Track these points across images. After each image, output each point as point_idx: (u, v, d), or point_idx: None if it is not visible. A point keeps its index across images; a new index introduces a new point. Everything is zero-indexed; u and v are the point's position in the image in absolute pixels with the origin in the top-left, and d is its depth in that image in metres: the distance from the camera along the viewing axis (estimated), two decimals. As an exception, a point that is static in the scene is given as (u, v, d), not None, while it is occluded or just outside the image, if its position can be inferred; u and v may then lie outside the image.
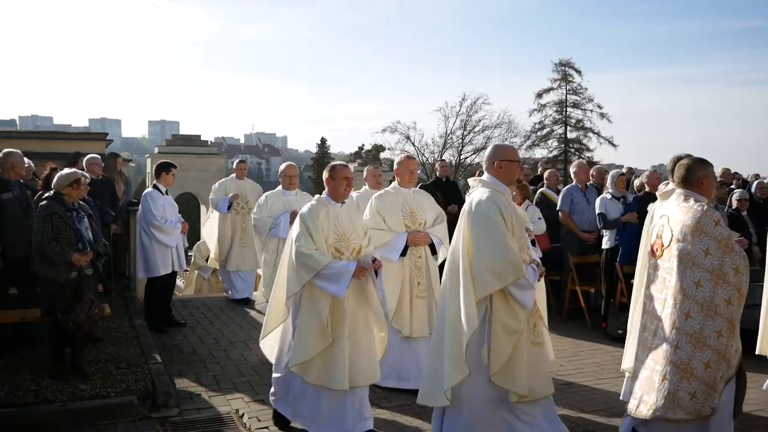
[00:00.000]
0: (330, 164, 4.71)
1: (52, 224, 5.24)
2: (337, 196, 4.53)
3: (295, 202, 6.52)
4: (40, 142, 13.34)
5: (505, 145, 4.35)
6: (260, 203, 6.65)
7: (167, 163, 7.63)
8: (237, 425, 4.81)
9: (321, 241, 4.35)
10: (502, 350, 3.75)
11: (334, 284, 4.22)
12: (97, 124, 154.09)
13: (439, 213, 5.71)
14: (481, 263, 3.76)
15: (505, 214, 3.85)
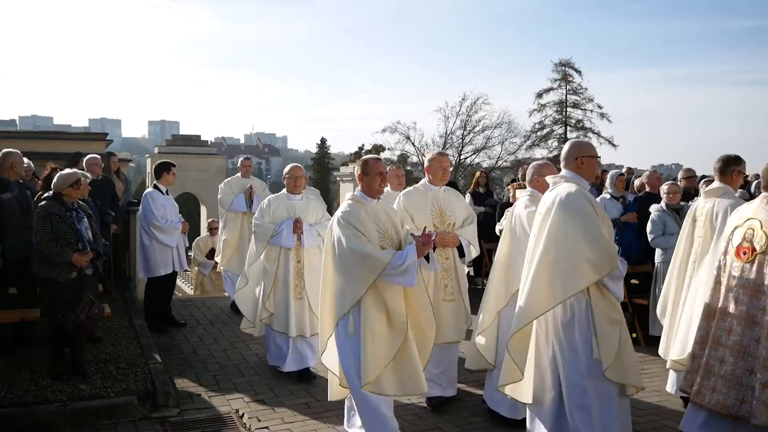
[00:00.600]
0: (362, 159, 4.38)
1: (52, 224, 5.24)
2: (372, 193, 4.24)
3: (301, 208, 5.94)
4: (40, 142, 13.36)
5: (585, 141, 4.29)
6: (263, 207, 5.97)
7: (167, 163, 7.64)
8: (237, 425, 4.81)
9: (370, 239, 4.07)
10: (611, 342, 3.68)
11: (401, 275, 3.92)
12: (97, 124, 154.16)
13: (469, 213, 5.46)
14: (577, 255, 3.70)
15: (595, 206, 3.84)
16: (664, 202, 7.00)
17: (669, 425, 4.78)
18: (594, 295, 3.74)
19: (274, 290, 5.80)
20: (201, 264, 11.40)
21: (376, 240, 4.09)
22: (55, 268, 5.25)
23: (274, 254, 5.85)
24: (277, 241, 5.80)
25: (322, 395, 5.31)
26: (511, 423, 4.65)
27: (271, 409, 5.08)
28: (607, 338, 3.69)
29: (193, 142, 23.72)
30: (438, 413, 4.98)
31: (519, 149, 41.20)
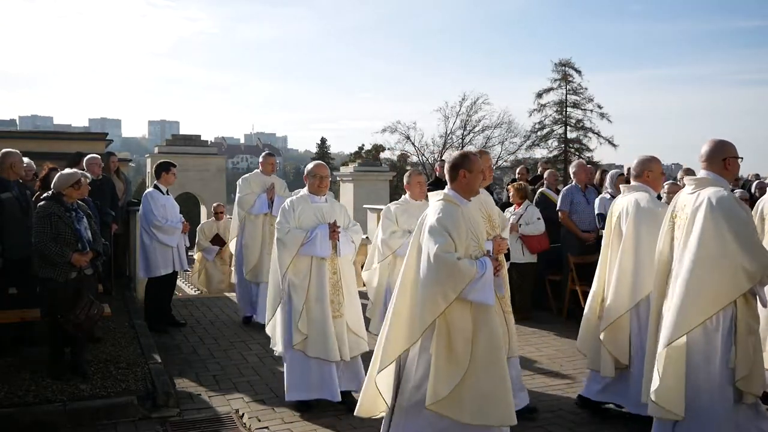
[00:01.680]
0: (459, 154, 3.89)
1: (51, 224, 5.24)
2: (471, 193, 3.81)
3: (328, 211, 5.14)
4: (40, 142, 13.35)
5: (728, 141, 3.97)
6: (285, 210, 5.11)
7: (167, 163, 7.63)
8: (237, 425, 4.81)
9: (462, 249, 3.58)
10: (748, 352, 3.60)
11: (482, 291, 3.51)
12: (97, 124, 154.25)
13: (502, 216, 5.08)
14: (735, 264, 3.57)
15: (747, 211, 3.77)
16: (664, 202, 7.00)
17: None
18: (740, 303, 3.63)
19: (307, 309, 4.92)
20: (206, 249, 11.09)
21: (470, 250, 3.62)
22: (55, 268, 5.25)
23: (303, 266, 4.95)
24: (309, 250, 4.92)
25: (322, 395, 5.32)
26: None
27: (271, 409, 5.08)
28: (744, 348, 3.61)
29: (193, 142, 23.70)
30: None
31: (519, 149, 41.28)
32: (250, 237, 7.64)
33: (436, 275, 3.48)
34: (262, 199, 7.56)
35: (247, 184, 7.71)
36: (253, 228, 7.65)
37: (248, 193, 7.63)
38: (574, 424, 4.79)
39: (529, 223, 8.04)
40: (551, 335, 7.40)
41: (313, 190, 5.20)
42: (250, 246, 7.63)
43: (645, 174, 4.74)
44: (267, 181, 7.70)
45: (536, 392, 5.45)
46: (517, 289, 8.12)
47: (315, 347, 4.88)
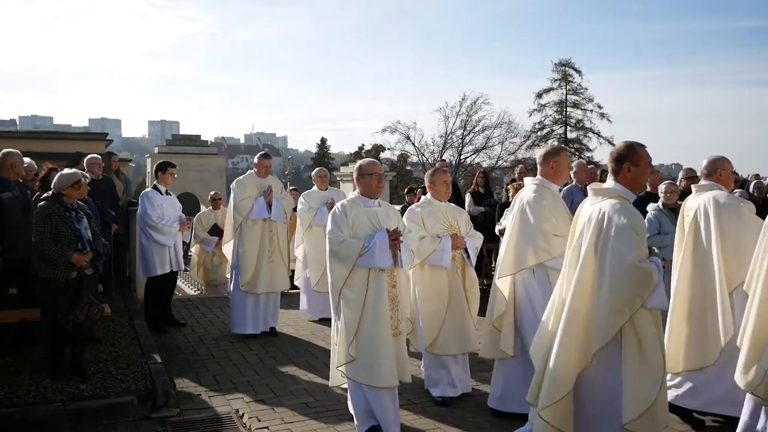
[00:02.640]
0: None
1: (51, 224, 5.24)
2: (638, 187, 3.76)
3: (383, 217, 4.53)
4: (40, 142, 13.40)
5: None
6: (336, 217, 4.42)
7: (165, 163, 7.64)
8: (237, 425, 4.81)
9: None
10: None
11: (661, 296, 3.38)
12: (97, 124, 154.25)
13: None
14: None
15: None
16: (661, 202, 7.02)
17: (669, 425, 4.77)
18: None
19: (361, 327, 4.28)
20: (204, 240, 10.47)
21: None
22: (56, 268, 5.25)
23: (359, 278, 4.32)
24: (367, 261, 4.30)
25: (322, 395, 5.32)
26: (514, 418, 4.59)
27: (271, 409, 5.08)
28: None
29: (193, 142, 23.72)
30: (439, 413, 4.98)
31: (519, 149, 41.28)
32: (248, 244, 7.16)
33: (630, 284, 3.29)
34: (260, 203, 7.17)
35: (242, 187, 7.25)
36: (250, 234, 7.18)
37: (245, 197, 7.18)
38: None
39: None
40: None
41: (369, 192, 4.54)
42: (250, 254, 7.15)
43: (717, 173, 4.83)
44: (263, 184, 7.28)
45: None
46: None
47: (366, 372, 4.24)
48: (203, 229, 10.49)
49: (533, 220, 4.54)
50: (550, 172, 4.70)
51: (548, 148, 4.80)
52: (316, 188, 8.17)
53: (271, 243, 7.26)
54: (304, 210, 7.90)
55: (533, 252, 4.51)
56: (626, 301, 3.29)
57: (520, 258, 4.58)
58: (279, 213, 7.31)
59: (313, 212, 7.85)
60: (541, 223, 4.51)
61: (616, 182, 3.59)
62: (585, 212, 3.64)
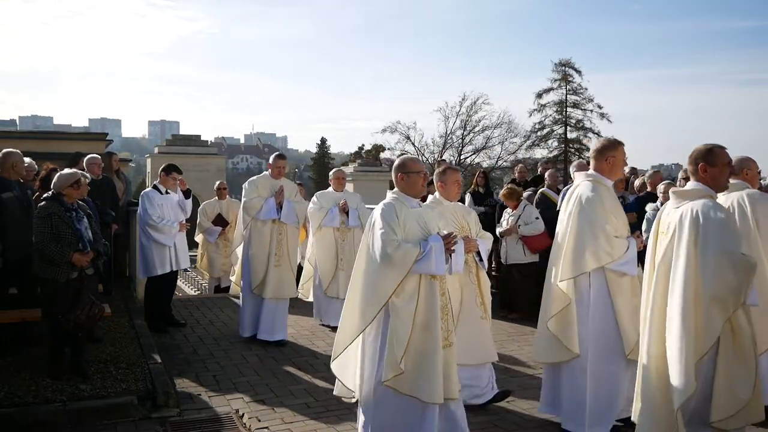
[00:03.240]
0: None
1: (52, 224, 5.24)
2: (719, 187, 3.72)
3: (429, 219, 4.17)
4: (40, 142, 13.37)
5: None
6: (388, 217, 3.96)
7: (171, 166, 7.63)
8: (237, 425, 4.81)
9: None
10: None
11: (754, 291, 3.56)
12: (97, 124, 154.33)
13: None
14: None
15: None
16: (659, 201, 7.02)
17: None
18: None
19: (412, 338, 3.87)
20: (207, 230, 10.17)
21: None
22: (56, 268, 5.25)
23: (410, 286, 3.90)
24: (423, 267, 3.88)
25: (322, 395, 5.32)
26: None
27: (271, 409, 5.07)
28: None
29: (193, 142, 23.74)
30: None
31: (519, 149, 41.27)
32: (257, 246, 6.93)
33: (736, 275, 3.30)
34: (269, 204, 6.87)
35: (253, 187, 7.00)
36: (259, 236, 6.93)
37: (255, 197, 6.92)
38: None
39: (527, 223, 8.04)
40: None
41: (415, 191, 4.17)
42: (258, 256, 6.90)
43: (744, 172, 4.96)
44: (276, 185, 7.01)
45: (536, 391, 5.45)
46: (519, 289, 8.12)
47: (412, 383, 3.86)
48: (207, 219, 10.16)
49: (594, 221, 4.29)
50: (605, 167, 4.42)
51: (605, 142, 4.55)
52: (331, 189, 7.96)
53: (279, 246, 6.93)
54: (315, 209, 7.70)
55: (594, 255, 4.27)
56: (732, 293, 3.29)
57: (579, 261, 4.33)
58: (290, 216, 6.96)
59: (324, 212, 7.67)
60: (604, 223, 4.28)
61: (697, 182, 3.64)
62: (671, 217, 3.65)
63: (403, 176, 4.15)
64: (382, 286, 3.87)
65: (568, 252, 4.39)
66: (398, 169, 4.19)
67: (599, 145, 4.51)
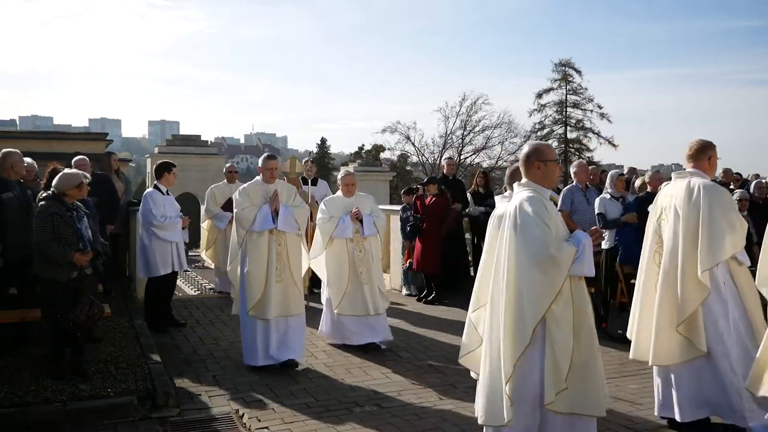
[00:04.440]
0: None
1: (53, 224, 5.24)
2: None
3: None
4: (40, 142, 13.38)
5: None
6: (544, 215, 3.60)
7: (167, 163, 7.64)
8: (237, 425, 4.81)
9: None
10: None
11: None
12: (97, 124, 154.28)
13: None
14: None
15: None
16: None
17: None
18: None
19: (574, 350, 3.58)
20: (216, 216, 9.22)
21: None
22: (57, 268, 5.25)
23: (566, 291, 3.59)
24: (578, 269, 3.60)
25: (322, 395, 5.32)
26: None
27: (271, 409, 5.07)
28: None
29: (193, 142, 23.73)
30: (439, 413, 4.98)
31: (519, 149, 41.20)
32: (252, 261, 6.03)
33: None
34: (263, 213, 6.05)
35: (244, 196, 6.16)
36: (256, 250, 6.05)
37: (247, 206, 6.08)
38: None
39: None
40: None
41: (552, 182, 3.87)
42: (253, 273, 6.00)
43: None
44: (269, 190, 6.20)
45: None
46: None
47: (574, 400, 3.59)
48: (216, 204, 9.29)
49: (722, 212, 4.39)
50: (706, 165, 4.63)
51: (703, 142, 4.67)
52: (340, 194, 7.02)
53: (279, 259, 6.08)
54: (324, 220, 6.79)
55: (732, 242, 4.35)
56: None
57: (718, 250, 4.34)
58: (288, 223, 6.13)
59: (335, 222, 6.77)
60: (729, 213, 4.41)
61: None
62: None
63: (538, 164, 3.73)
64: (543, 292, 3.49)
65: (704, 242, 4.36)
66: (534, 157, 3.74)
67: (698, 145, 4.65)
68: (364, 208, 6.99)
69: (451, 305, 8.98)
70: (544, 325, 3.51)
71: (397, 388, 5.56)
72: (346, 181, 7.08)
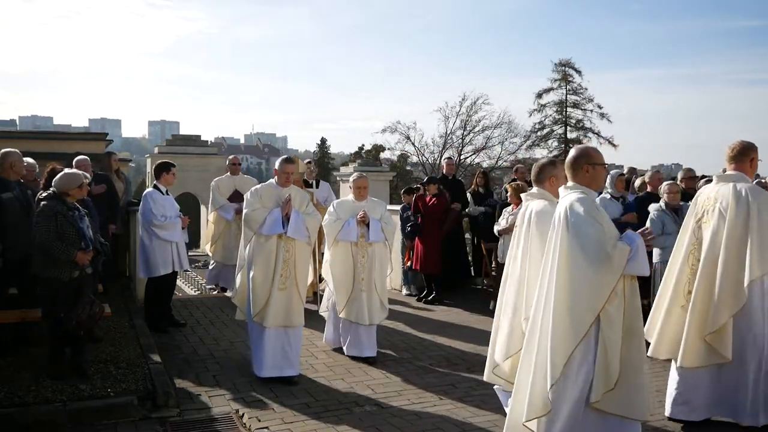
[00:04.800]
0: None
1: (57, 223, 5.25)
2: None
3: None
4: (40, 142, 13.36)
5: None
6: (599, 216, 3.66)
7: (166, 163, 7.64)
8: (237, 425, 4.81)
9: None
10: None
11: None
12: (97, 124, 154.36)
13: None
14: None
15: None
16: (663, 202, 7.01)
17: (670, 425, 4.78)
18: None
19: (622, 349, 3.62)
20: (223, 207, 8.84)
21: None
22: (58, 267, 5.26)
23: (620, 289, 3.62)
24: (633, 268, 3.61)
25: (322, 395, 5.32)
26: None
27: (271, 409, 5.08)
28: None
29: (193, 142, 23.70)
30: (439, 413, 4.98)
31: (519, 149, 41.24)
32: (259, 266, 5.74)
33: None
34: (273, 216, 5.74)
35: (256, 197, 5.85)
36: (262, 254, 5.74)
37: (258, 208, 5.79)
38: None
39: (528, 223, 8.01)
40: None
41: (599, 185, 4.12)
42: (257, 277, 5.72)
43: None
44: (283, 194, 5.89)
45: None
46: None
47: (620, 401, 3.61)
48: (222, 195, 9.02)
49: None
50: (748, 168, 4.58)
51: (745, 143, 4.60)
52: (351, 197, 6.88)
53: (286, 266, 5.76)
54: (331, 221, 6.67)
55: None
56: None
57: None
58: (299, 230, 5.83)
59: (341, 224, 6.59)
60: None
61: None
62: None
63: (589, 168, 3.76)
64: (598, 292, 3.51)
65: (755, 250, 4.31)
66: (583, 160, 3.77)
67: (740, 147, 4.57)
68: (374, 213, 6.72)
69: (451, 305, 8.98)
70: (598, 325, 3.52)
71: (397, 388, 5.56)
72: (359, 183, 6.82)
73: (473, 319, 8.18)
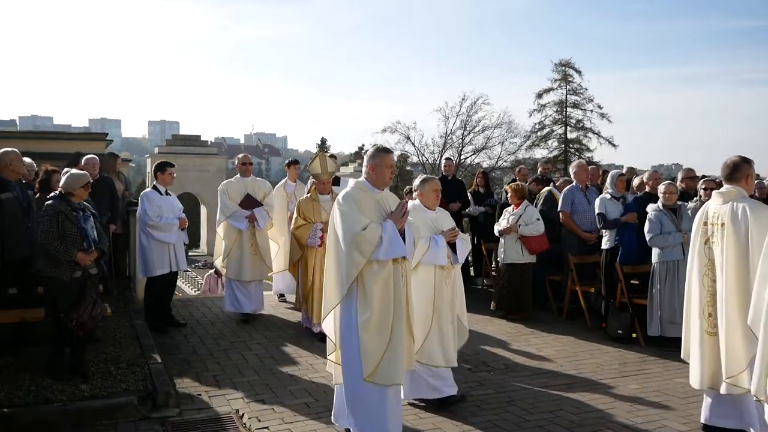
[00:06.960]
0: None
1: (59, 223, 5.25)
2: None
3: None
4: (40, 142, 13.39)
5: None
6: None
7: (163, 163, 7.64)
8: (237, 425, 4.81)
9: None
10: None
11: None
12: (97, 124, 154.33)
13: None
14: None
15: None
16: (660, 202, 7.03)
17: (669, 426, 4.78)
18: None
19: None
20: (233, 216, 7.75)
21: None
22: (60, 267, 5.27)
23: None
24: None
25: (322, 395, 5.32)
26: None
27: (271, 409, 5.08)
28: None
29: (193, 142, 23.76)
30: (439, 413, 4.98)
31: (519, 149, 41.28)
32: (377, 305, 4.26)
33: None
34: (389, 233, 4.26)
35: (357, 206, 4.30)
36: (380, 287, 4.27)
37: (366, 223, 4.26)
38: (574, 424, 4.80)
39: (528, 223, 8.02)
40: (551, 335, 7.40)
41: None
42: (377, 322, 4.25)
43: None
44: (384, 201, 4.51)
45: (536, 391, 5.46)
46: (517, 289, 8.13)
47: None
48: (231, 200, 7.82)
49: None
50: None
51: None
52: (418, 203, 5.51)
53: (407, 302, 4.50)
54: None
55: None
56: None
57: None
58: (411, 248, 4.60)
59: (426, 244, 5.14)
60: None
61: None
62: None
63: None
64: None
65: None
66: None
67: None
68: (448, 225, 5.32)
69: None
70: None
71: (397, 388, 5.55)
72: (434, 186, 5.35)
73: (473, 320, 8.15)
